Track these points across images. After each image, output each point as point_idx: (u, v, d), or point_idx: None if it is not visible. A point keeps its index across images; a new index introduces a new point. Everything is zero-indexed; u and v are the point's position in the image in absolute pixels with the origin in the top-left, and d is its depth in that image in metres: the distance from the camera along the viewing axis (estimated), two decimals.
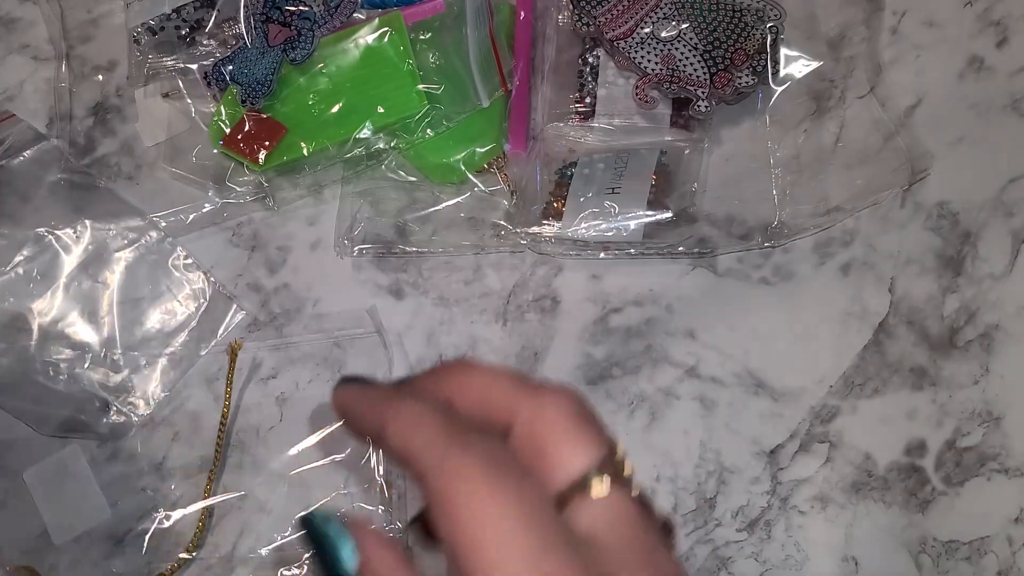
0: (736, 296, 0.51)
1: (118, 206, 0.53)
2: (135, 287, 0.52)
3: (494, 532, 0.22)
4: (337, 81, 0.52)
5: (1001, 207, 0.52)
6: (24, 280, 0.52)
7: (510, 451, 0.24)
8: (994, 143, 0.53)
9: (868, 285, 0.51)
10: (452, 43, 0.52)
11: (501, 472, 0.23)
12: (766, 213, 0.52)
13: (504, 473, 0.23)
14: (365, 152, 0.52)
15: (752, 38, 0.52)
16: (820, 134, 0.53)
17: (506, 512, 0.22)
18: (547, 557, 0.22)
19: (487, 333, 0.51)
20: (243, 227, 0.53)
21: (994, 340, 0.50)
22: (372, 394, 0.27)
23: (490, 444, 0.24)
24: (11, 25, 0.58)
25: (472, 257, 0.52)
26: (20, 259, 0.52)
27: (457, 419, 0.24)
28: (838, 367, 0.50)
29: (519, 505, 0.22)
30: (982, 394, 0.49)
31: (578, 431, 0.24)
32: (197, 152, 0.53)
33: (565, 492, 0.24)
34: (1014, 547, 0.47)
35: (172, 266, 0.52)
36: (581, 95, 0.53)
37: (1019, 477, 0.48)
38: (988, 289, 0.51)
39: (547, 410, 0.25)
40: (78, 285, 0.52)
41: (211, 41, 0.54)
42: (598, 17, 0.52)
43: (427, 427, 0.24)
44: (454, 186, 0.52)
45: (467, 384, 0.26)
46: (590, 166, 0.51)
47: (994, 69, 0.55)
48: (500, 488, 0.22)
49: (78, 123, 0.55)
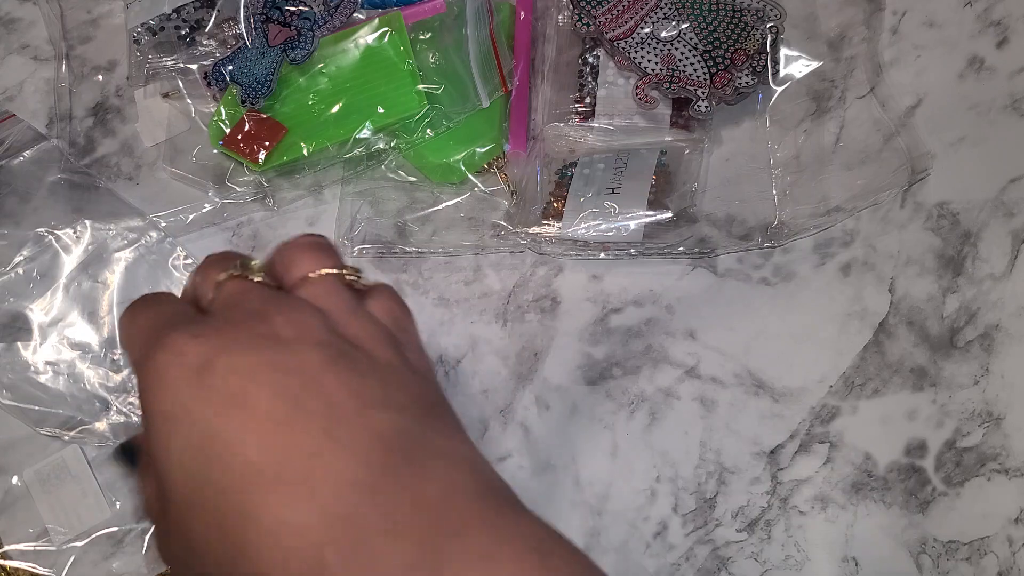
0: (736, 296, 0.51)
1: (118, 206, 0.53)
2: (135, 287, 0.52)
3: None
4: (337, 81, 0.52)
5: (1001, 207, 0.52)
6: (24, 280, 0.52)
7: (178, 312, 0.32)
8: (994, 143, 0.53)
9: (868, 285, 0.51)
10: (452, 43, 0.52)
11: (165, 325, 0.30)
12: (766, 213, 0.52)
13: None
14: (365, 152, 0.52)
15: (752, 38, 0.52)
16: (820, 134, 0.53)
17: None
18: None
19: (487, 333, 0.51)
20: (243, 227, 0.53)
21: (994, 340, 0.50)
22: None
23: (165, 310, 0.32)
24: (11, 25, 0.58)
25: (472, 257, 0.52)
26: (20, 259, 0.52)
27: (164, 309, 0.32)
28: (838, 367, 0.50)
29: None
30: (982, 394, 0.49)
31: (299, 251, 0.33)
32: (197, 152, 0.53)
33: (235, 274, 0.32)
34: (1014, 547, 0.47)
35: (172, 266, 0.52)
36: (581, 95, 0.53)
37: (1019, 477, 0.48)
38: (988, 289, 0.51)
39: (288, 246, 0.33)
40: (78, 285, 0.52)
41: (211, 41, 0.54)
42: (598, 17, 0.52)
43: (136, 323, 0.31)
44: (454, 186, 0.52)
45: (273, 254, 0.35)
46: (590, 166, 0.51)
47: (994, 69, 0.55)
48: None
49: (78, 123, 0.55)
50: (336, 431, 0.27)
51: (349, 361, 0.29)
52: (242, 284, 0.33)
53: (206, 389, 0.28)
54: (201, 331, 0.29)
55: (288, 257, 0.33)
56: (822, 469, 0.49)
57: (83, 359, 0.51)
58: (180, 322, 0.30)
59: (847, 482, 0.48)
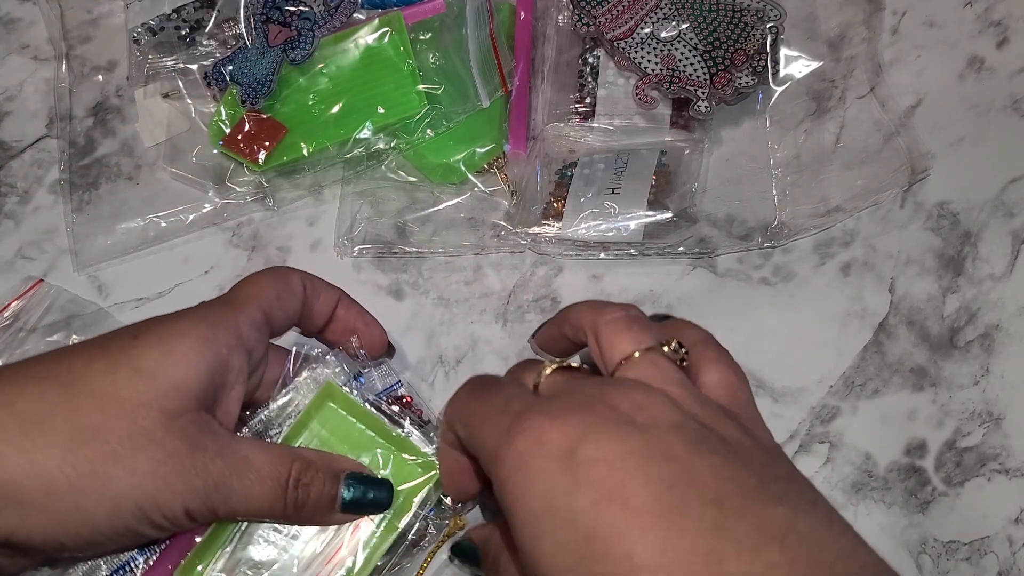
0: (736, 296, 0.51)
1: (118, 207, 0.53)
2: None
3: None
4: (337, 81, 0.52)
5: (1001, 207, 0.52)
6: (24, 280, 0.52)
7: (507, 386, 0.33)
8: (994, 143, 0.53)
9: (868, 285, 0.51)
10: (452, 43, 0.52)
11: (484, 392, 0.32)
12: (766, 213, 0.52)
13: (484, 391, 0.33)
14: (365, 152, 0.52)
15: (752, 38, 0.52)
16: (820, 134, 0.53)
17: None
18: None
19: (487, 333, 0.51)
20: (243, 227, 0.53)
21: (994, 340, 0.50)
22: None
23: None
24: (11, 25, 0.58)
25: (472, 257, 0.52)
26: (19, 259, 0.52)
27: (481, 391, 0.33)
28: (838, 367, 0.50)
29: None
30: (982, 394, 0.49)
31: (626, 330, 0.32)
32: (197, 152, 0.53)
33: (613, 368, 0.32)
34: (1014, 547, 0.47)
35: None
36: (581, 95, 0.53)
37: (1019, 477, 0.48)
38: (988, 289, 0.51)
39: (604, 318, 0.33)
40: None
41: (211, 41, 0.54)
42: (598, 17, 0.52)
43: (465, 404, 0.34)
44: (454, 186, 0.52)
45: (565, 315, 0.36)
46: (590, 166, 0.51)
47: (994, 69, 0.55)
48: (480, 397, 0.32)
49: (78, 123, 0.55)
50: (727, 528, 0.25)
51: (709, 444, 0.27)
52: (567, 371, 0.32)
53: (576, 481, 0.26)
54: (556, 414, 0.28)
55: (606, 337, 0.32)
56: (822, 469, 0.49)
57: None
58: (530, 404, 0.29)
59: (847, 482, 0.48)
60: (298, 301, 0.41)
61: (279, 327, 0.41)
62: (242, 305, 0.38)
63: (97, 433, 0.32)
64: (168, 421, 0.33)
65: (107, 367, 0.34)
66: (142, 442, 0.32)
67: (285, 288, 0.40)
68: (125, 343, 0.35)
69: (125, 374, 0.34)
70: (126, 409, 0.33)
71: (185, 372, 0.34)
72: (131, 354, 0.34)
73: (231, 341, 0.36)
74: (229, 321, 0.37)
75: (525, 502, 0.27)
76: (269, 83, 0.51)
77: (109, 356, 0.34)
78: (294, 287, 0.41)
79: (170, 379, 0.34)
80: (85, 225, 0.52)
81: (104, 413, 0.33)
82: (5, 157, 0.55)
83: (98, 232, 0.52)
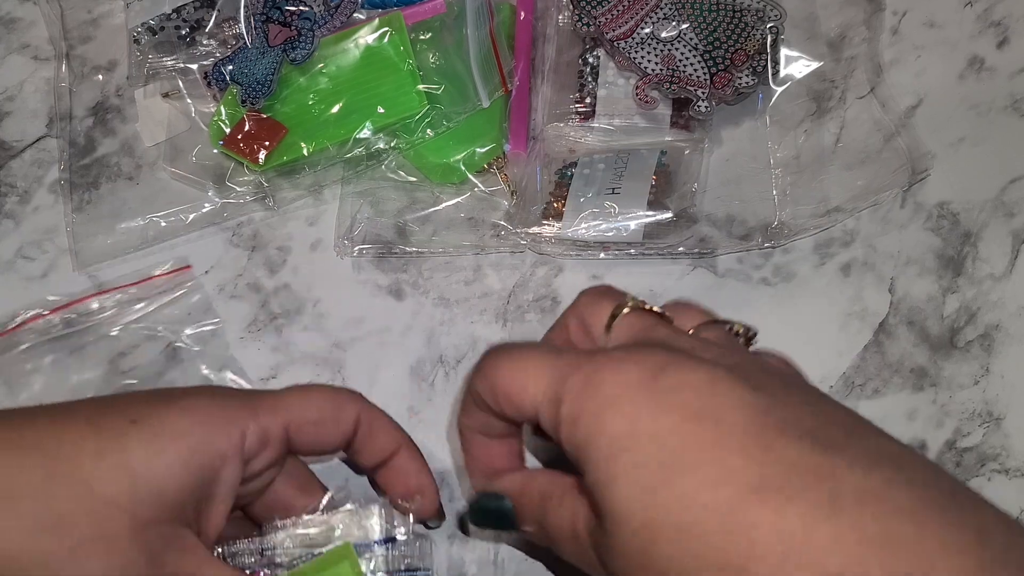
0: (736, 296, 0.51)
1: (118, 206, 0.53)
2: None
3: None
4: (337, 81, 0.52)
5: (1001, 207, 0.52)
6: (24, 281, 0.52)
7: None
8: (994, 143, 0.53)
9: (868, 285, 0.51)
10: (452, 43, 0.52)
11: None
12: (766, 213, 0.52)
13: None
14: (365, 152, 0.52)
15: (752, 38, 0.52)
16: (820, 134, 0.53)
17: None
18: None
19: (487, 333, 0.51)
20: (243, 227, 0.53)
21: (994, 340, 0.50)
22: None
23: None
24: (11, 25, 0.58)
25: (472, 257, 0.52)
26: (20, 259, 0.52)
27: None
28: (838, 367, 0.50)
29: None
30: (982, 394, 0.49)
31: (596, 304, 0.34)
32: (197, 152, 0.53)
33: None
34: None
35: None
36: (581, 95, 0.53)
37: (1019, 477, 0.48)
38: (988, 289, 0.51)
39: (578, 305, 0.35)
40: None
41: (211, 41, 0.54)
42: (598, 17, 0.52)
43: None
44: (454, 186, 0.52)
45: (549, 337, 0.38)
46: (590, 166, 0.51)
47: (994, 69, 0.55)
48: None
49: (78, 123, 0.55)
50: (834, 449, 0.25)
51: (797, 383, 0.29)
52: (642, 314, 0.32)
53: (661, 404, 0.25)
54: (629, 350, 0.28)
55: (678, 312, 0.33)
56: None
57: None
58: (591, 349, 0.31)
59: None
60: (341, 436, 0.38)
61: (305, 451, 0.39)
62: (265, 411, 0.36)
63: (61, 524, 0.31)
64: (136, 530, 0.32)
65: (95, 452, 0.33)
66: (101, 548, 0.32)
67: (332, 416, 0.38)
68: (121, 428, 0.34)
69: (109, 467, 0.33)
70: (97, 507, 0.32)
71: (168, 481, 0.33)
72: (122, 443, 0.33)
73: (228, 451, 0.35)
74: (237, 425, 0.35)
75: (604, 427, 0.26)
76: (269, 83, 0.51)
77: (101, 439, 0.33)
78: (343, 419, 0.38)
79: (150, 486, 0.33)
80: (85, 225, 0.52)
81: (75, 506, 0.32)
82: (5, 157, 0.55)
83: (98, 232, 0.52)
